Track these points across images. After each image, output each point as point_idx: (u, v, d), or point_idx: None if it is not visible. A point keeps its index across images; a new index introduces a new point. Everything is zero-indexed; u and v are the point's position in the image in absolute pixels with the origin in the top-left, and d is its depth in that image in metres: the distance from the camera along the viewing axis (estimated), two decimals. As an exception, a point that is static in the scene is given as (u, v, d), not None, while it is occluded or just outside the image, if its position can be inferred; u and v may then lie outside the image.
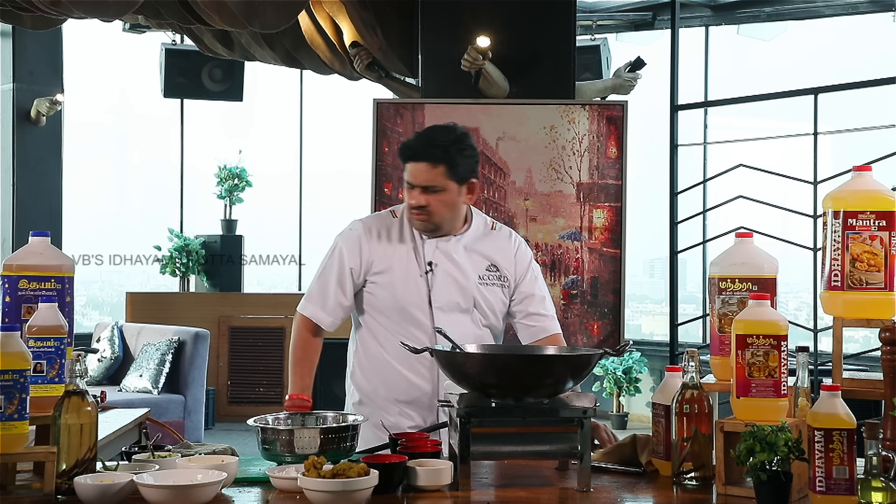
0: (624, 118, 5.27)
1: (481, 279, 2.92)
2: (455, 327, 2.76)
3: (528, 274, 3.00)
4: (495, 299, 2.94)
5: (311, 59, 6.78)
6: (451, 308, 2.88)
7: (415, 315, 2.88)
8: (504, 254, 2.97)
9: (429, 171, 2.81)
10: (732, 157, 6.70)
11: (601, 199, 5.26)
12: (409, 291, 2.88)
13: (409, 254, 2.91)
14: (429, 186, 2.82)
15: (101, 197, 11.66)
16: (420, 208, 2.84)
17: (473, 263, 2.93)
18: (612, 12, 9.17)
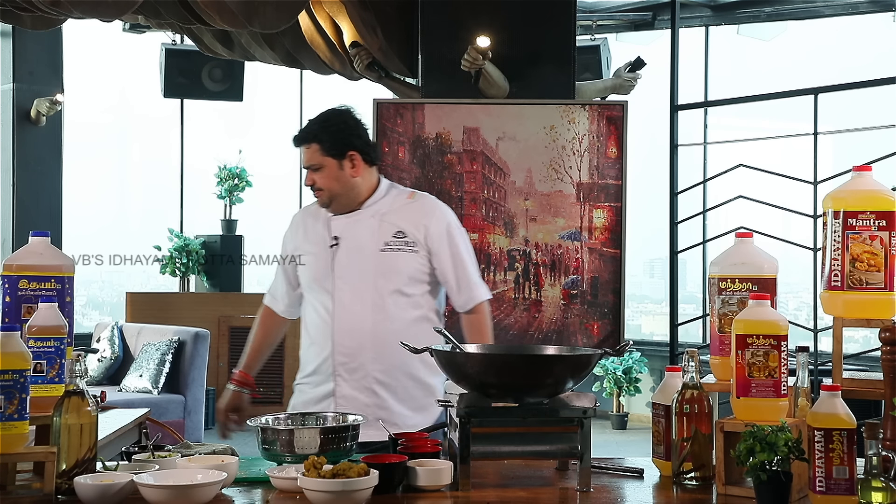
0: (624, 118, 5.27)
1: (386, 245, 3.04)
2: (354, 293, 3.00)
3: (441, 241, 3.06)
4: (402, 263, 3.03)
5: (311, 59, 6.78)
6: (350, 276, 3.03)
7: (322, 286, 3.06)
8: (414, 221, 3.07)
9: (307, 153, 3.07)
10: (732, 157, 6.70)
11: (601, 199, 5.26)
12: (318, 266, 3.08)
13: (320, 233, 3.12)
14: (310, 166, 3.06)
15: (101, 197, 11.66)
16: (312, 186, 3.07)
17: (380, 232, 3.06)
18: (612, 12, 9.17)
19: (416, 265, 3.04)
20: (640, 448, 7.40)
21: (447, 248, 3.06)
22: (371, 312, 2.99)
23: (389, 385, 2.99)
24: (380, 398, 2.98)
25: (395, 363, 2.98)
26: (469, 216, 5.26)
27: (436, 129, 5.30)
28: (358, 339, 2.98)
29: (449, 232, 3.08)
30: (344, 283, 3.02)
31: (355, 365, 2.99)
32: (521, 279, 5.27)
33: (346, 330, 3.00)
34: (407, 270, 3.03)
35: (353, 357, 2.99)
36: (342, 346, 3.00)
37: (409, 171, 5.28)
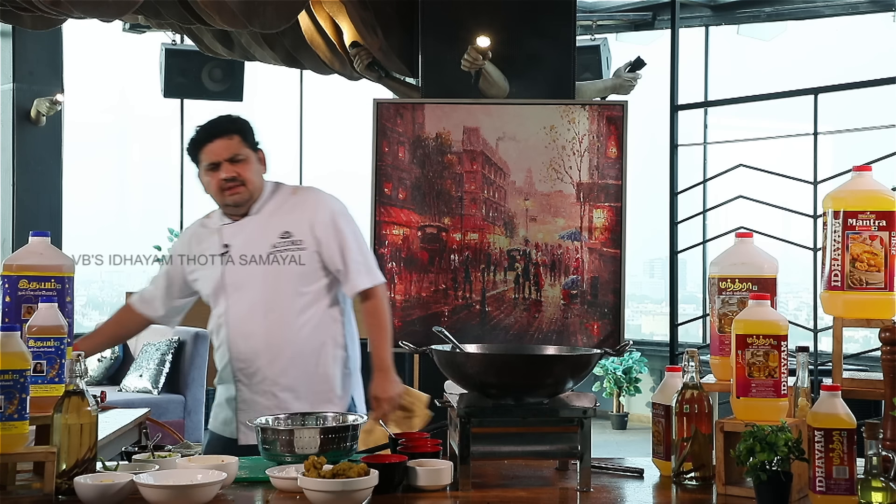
0: (624, 118, 5.27)
1: (274, 247, 3.04)
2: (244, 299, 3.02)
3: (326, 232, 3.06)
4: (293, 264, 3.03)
5: (311, 59, 6.78)
6: (242, 283, 3.04)
7: (218, 296, 3.08)
8: (298, 218, 3.07)
9: (227, 144, 3.03)
10: (732, 157, 6.70)
11: (601, 199, 5.26)
12: (210, 276, 3.10)
13: (211, 245, 3.12)
14: (233, 157, 3.03)
15: (101, 197, 11.66)
16: (233, 179, 3.03)
17: (267, 235, 3.06)
18: (612, 12, 9.17)
19: (308, 261, 3.04)
20: (640, 448, 7.40)
21: (333, 238, 3.06)
22: (263, 317, 3.01)
23: (289, 386, 3.01)
24: (279, 400, 3.00)
25: (293, 363, 3.00)
26: (469, 216, 5.26)
27: (436, 129, 5.30)
28: (252, 344, 3.01)
29: (334, 221, 3.08)
30: (236, 290, 3.04)
31: (253, 370, 3.02)
32: (521, 279, 5.27)
33: (240, 336, 3.02)
34: (297, 270, 3.03)
35: (250, 362, 3.02)
36: (238, 353, 3.03)
37: (409, 171, 5.28)
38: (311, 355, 3.02)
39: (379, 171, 5.29)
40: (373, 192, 5.27)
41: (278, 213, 3.09)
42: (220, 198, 3.08)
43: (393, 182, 5.27)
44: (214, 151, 3.03)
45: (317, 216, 3.07)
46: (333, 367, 3.07)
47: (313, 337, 3.04)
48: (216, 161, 3.03)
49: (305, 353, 3.02)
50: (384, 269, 4.75)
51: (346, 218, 3.12)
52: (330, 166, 10.52)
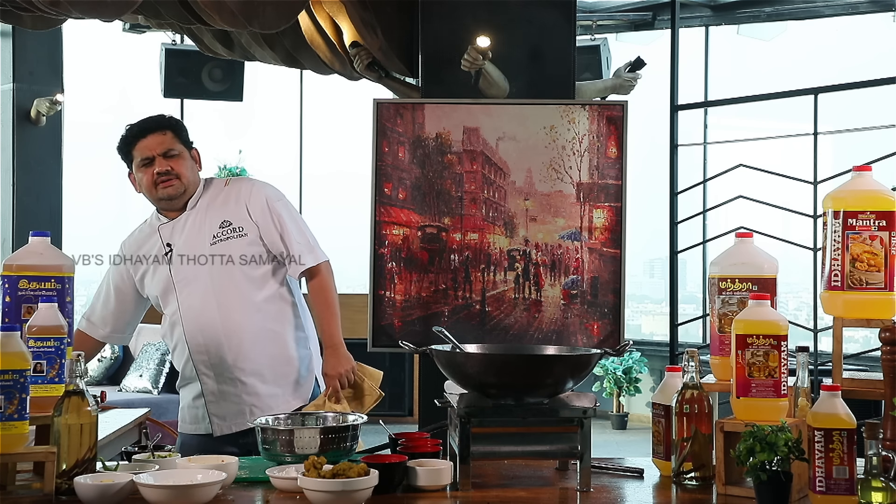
0: (624, 118, 5.27)
1: (215, 238, 3.07)
2: (195, 292, 3.05)
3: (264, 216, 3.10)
4: (234, 251, 3.06)
5: (311, 59, 6.78)
6: (189, 278, 3.07)
7: (168, 295, 3.12)
8: (234, 206, 3.10)
9: (161, 140, 3.07)
10: (732, 157, 6.70)
11: (601, 199, 5.26)
12: (157, 276, 3.13)
13: (152, 246, 3.15)
14: (166, 152, 3.06)
15: (102, 197, 11.65)
16: (167, 173, 3.06)
17: (207, 227, 3.09)
18: (612, 12, 9.16)
19: (250, 248, 3.07)
20: (640, 448, 7.40)
21: (271, 222, 3.09)
22: (216, 307, 3.04)
23: (253, 370, 3.03)
24: (247, 385, 3.03)
25: (254, 347, 3.03)
26: (469, 216, 5.26)
27: (436, 129, 5.30)
28: (210, 334, 3.03)
29: (270, 205, 3.11)
30: (185, 285, 3.07)
31: (215, 361, 3.04)
32: (521, 279, 5.27)
33: (197, 329, 3.05)
34: (241, 255, 3.06)
35: (211, 353, 3.04)
36: (197, 346, 3.05)
37: (409, 171, 5.28)
38: (271, 338, 3.05)
39: (379, 171, 5.29)
40: (373, 192, 5.26)
41: (214, 205, 3.12)
42: (154, 193, 3.09)
43: (393, 182, 5.27)
44: (148, 146, 3.06)
45: (252, 202, 3.11)
46: (294, 347, 3.10)
47: (269, 319, 3.06)
48: (149, 156, 3.06)
49: (264, 335, 3.05)
50: (384, 269, 4.76)
51: (281, 202, 3.16)
52: (330, 166, 10.52)
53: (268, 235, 3.09)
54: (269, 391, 3.01)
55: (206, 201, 3.14)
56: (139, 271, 3.17)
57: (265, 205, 3.11)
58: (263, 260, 3.09)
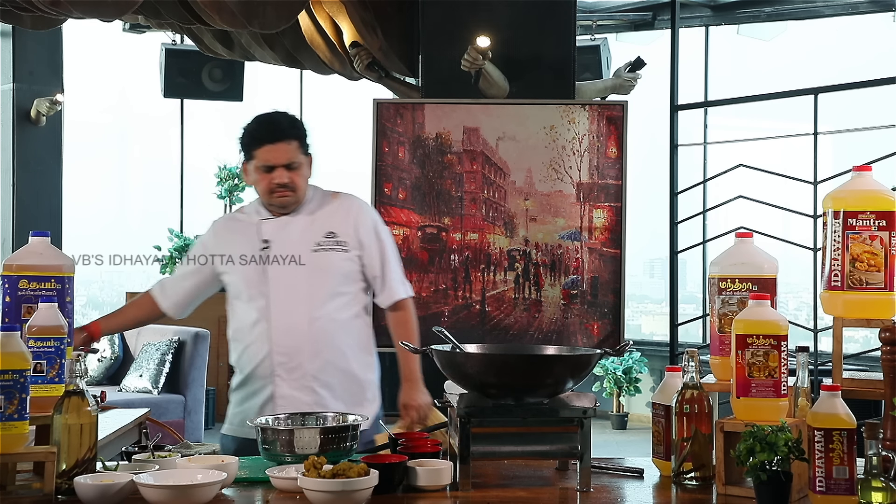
0: (624, 118, 5.27)
1: (318, 245, 3.04)
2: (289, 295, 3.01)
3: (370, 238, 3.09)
4: (335, 263, 3.04)
5: (311, 59, 6.78)
6: (284, 278, 3.02)
7: (255, 290, 3.05)
8: (343, 221, 3.09)
9: (286, 150, 3.02)
10: (732, 157, 6.70)
11: (601, 199, 5.26)
12: (249, 271, 3.06)
13: (249, 238, 3.08)
14: (290, 164, 3.02)
15: (101, 197, 11.66)
16: (285, 186, 3.02)
17: (311, 233, 3.06)
18: (612, 12, 9.17)
19: (349, 264, 3.06)
20: (640, 448, 7.40)
21: (375, 246, 3.10)
22: (307, 312, 3.01)
23: (327, 383, 3.01)
24: (319, 396, 3.00)
25: (332, 361, 3.01)
26: (469, 216, 5.26)
27: (436, 129, 5.30)
28: (296, 338, 2.99)
29: (376, 229, 3.12)
30: (278, 284, 3.03)
31: (294, 364, 3.00)
32: (521, 279, 5.27)
33: (283, 330, 3.00)
34: (340, 270, 3.05)
35: (292, 357, 3.00)
36: (280, 347, 3.01)
37: (409, 171, 5.28)
38: (348, 356, 3.03)
39: (379, 171, 5.29)
40: (373, 192, 5.27)
41: (321, 214, 3.10)
42: (268, 198, 3.06)
43: (393, 182, 5.27)
44: (273, 155, 3.02)
45: (360, 221, 3.10)
46: (366, 370, 3.09)
47: (351, 337, 3.05)
48: (272, 164, 3.02)
49: (343, 352, 3.03)
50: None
51: (385, 228, 3.18)
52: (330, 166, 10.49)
53: (369, 257, 3.08)
54: (337, 407, 2.97)
55: (311, 207, 3.11)
56: (228, 258, 3.11)
57: (373, 227, 3.11)
58: (356, 279, 3.08)
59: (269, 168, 3.03)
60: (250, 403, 3.06)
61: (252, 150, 3.07)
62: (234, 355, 3.13)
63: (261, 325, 3.03)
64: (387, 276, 3.10)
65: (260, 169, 3.05)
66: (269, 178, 3.03)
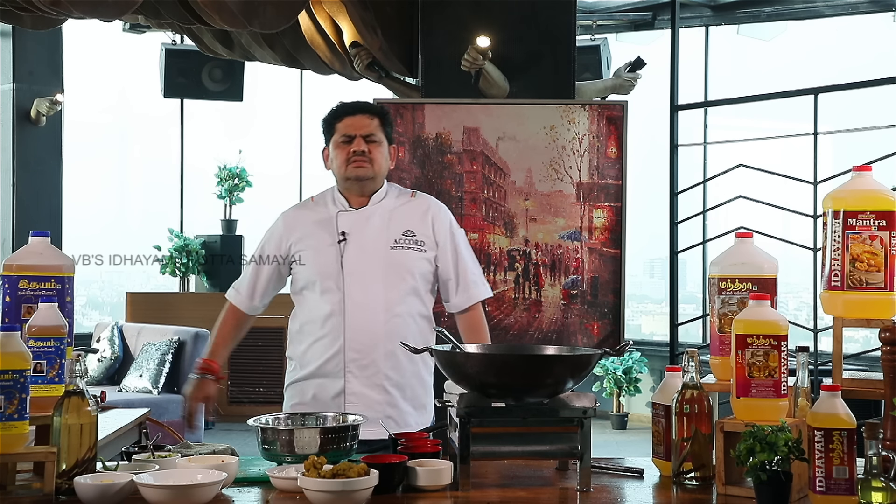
0: (624, 118, 5.27)
1: (396, 243, 3.02)
2: (366, 290, 2.96)
3: (445, 239, 3.07)
4: (411, 262, 3.01)
5: (311, 59, 6.78)
6: (360, 273, 2.98)
7: (328, 283, 3.00)
8: (421, 220, 3.06)
9: (368, 122, 3.03)
10: (732, 157, 6.70)
11: (601, 199, 5.26)
12: (324, 262, 3.02)
13: (324, 229, 3.06)
14: (368, 135, 3.02)
15: (101, 197, 11.66)
16: (362, 154, 3.01)
17: (389, 229, 3.03)
18: (612, 12, 9.17)
19: (425, 264, 3.04)
20: (640, 448, 7.40)
21: (450, 247, 3.07)
22: (383, 310, 2.96)
23: (399, 383, 2.98)
24: (390, 395, 2.96)
25: (404, 361, 2.97)
26: (469, 216, 5.26)
27: (436, 129, 5.30)
28: (370, 336, 2.94)
29: (452, 231, 3.10)
30: (354, 279, 2.97)
31: (367, 362, 2.95)
32: (521, 279, 5.27)
33: (358, 327, 2.95)
34: (416, 269, 3.02)
35: (366, 354, 2.95)
36: (354, 343, 2.95)
37: (409, 171, 5.28)
38: (416, 357, 2.98)
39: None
40: (373, 192, 5.26)
41: (400, 211, 3.07)
42: (343, 170, 3.04)
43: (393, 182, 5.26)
44: (353, 125, 3.03)
45: (438, 221, 3.08)
46: (428, 374, 3.07)
47: (420, 337, 3.00)
48: (351, 134, 3.02)
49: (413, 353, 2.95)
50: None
51: (460, 230, 3.15)
52: (330, 166, 10.50)
53: (443, 259, 3.05)
54: (405, 408, 2.96)
55: (390, 203, 3.08)
56: (301, 249, 3.06)
57: (449, 229, 3.09)
58: (430, 279, 3.06)
59: (347, 138, 3.02)
60: (313, 395, 3.00)
61: (334, 125, 3.06)
62: (298, 347, 3.06)
63: (334, 319, 2.97)
64: (461, 278, 3.07)
65: (338, 142, 3.04)
66: (346, 148, 3.02)
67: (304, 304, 3.07)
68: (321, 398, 2.99)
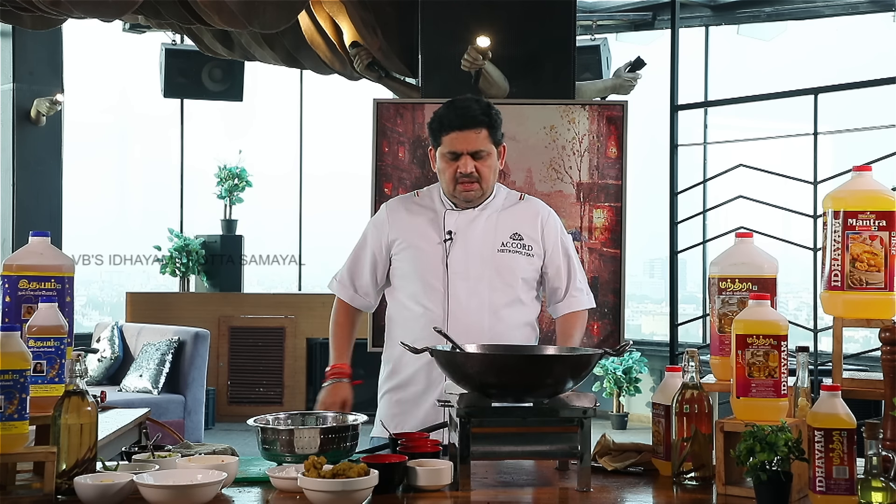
0: (624, 118, 5.28)
1: (504, 246, 2.92)
2: (471, 292, 2.87)
3: (556, 245, 2.98)
4: (519, 266, 2.92)
5: (311, 59, 6.78)
6: (465, 274, 2.88)
7: (431, 282, 2.91)
8: (530, 223, 2.97)
9: (475, 138, 2.86)
10: (732, 157, 6.70)
11: (601, 199, 5.26)
12: (428, 260, 2.92)
13: (430, 226, 2.96)
14: (477, 152, 2.87)
15: (101, 197, 11.66)
16: (471, 176, 2.87)
17: (497, 231, 2.93)
18: (612, 12, 9.17)
19: (532, 269, 2.95)
20: (640, 448, 7.38)
21: (561, 252, 2.99)
22: (488, 313, 2.88)
23: None
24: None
25: None
26: (469, 216, 5.26)
27: (436, 129, 5.30)
28: (475, 339, 2.76)
29: (562, 236, 3.02)
30: (458, 279, 2.88)
31: None
32: (521, 279, 5.26)
33: (462, 329, 2.79)
34: (523, 273, 2.92)
35: None
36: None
37: (409, 171, 5.28)
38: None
39: (379, 171, 5.29)
40: (373, 192, 5.27)
41: (509, 213, 2.97)
42: (451, 189, 2.91)
43: (393, 182, 5.27)
44: (460, 142, 2.86)
45: (548, 226, 2.98)
46: None
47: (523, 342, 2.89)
48: (458, 151, 2.87)
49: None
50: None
51: (568, 237, 3.06)
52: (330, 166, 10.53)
53: (552, 264, 2.96)
54: None
55: (498, 204, 2.97)
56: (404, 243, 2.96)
57: (559, 233, 2.99)
58: (534, 286, 2.96)
59: (455, 155, 2.88)
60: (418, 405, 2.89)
61: (440, 135, 2.90)
62: (395, 349, 2.93)
63: (435, 320, 2.85)
64: (574, 285, 2.98)
65: (445, 156, 2.89)
66: (454, 166, 2.88)
67: (400, 301, 2.98)
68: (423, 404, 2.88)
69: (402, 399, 2.96)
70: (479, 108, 2.89)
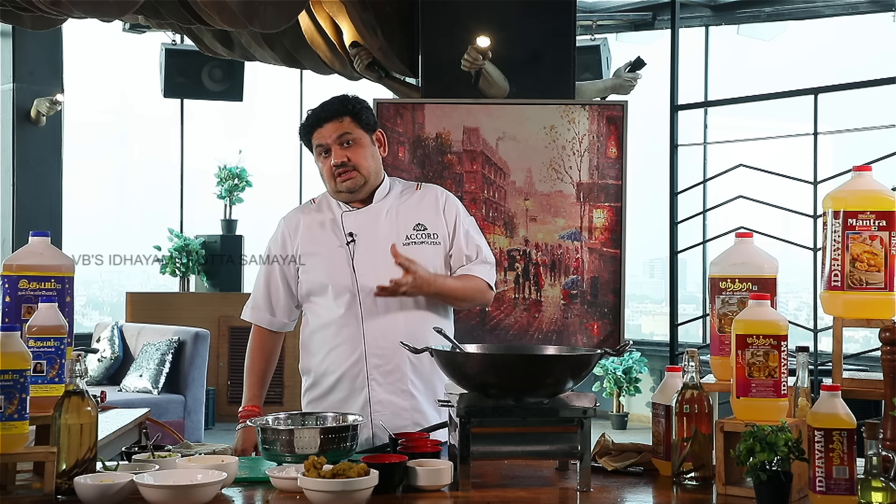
0: (624, 118, 5.28)
1: (408, 239, 2.88)
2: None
3: (458, 227, 2.94)
4: (426, 257, 2.86)
5: (311, 59, 6.78)
6: (374, 274, 2.82)
7: (340, 287, 2.86)
8: (431, 211, 2.94)
9: (338, 126, 2.87)
10: (732, 157, 6.70)
11: (601, 199, 5.26)
12: (334, 265, 2.88)
13: (330, 232, 2.92)
14: (341, 136, 2.87)
15: (101, 197, 11.66)
16: (344, 164, 2.87)
17: (399, 225, 2.90)
18: (612, 12, 9.17)
19: (440, 257, 2.90)
20: (640, 448, 7.37)
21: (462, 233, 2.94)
22: (402, 310, 2.83)
23: (422, 386, 2.85)
24: (416, 400, 2.83)
25: (426, 361, 2.78)
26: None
27: (436, 129, 5.30)
28: (392, 339, 2.77)
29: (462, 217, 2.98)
30: (368, 281, 2.81)
31: (391, 367, 2.82)
32: (521, 279, 5.27)
33: (378, 331, 2.81)
34: (432, 263, 2.86)
35: (388, 359, 2.81)
36: (376, 349, 2.81)
37: (409, 171, 5.27)
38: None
39: (379, 171, 5.28)
40: (373, 192, 5.26)
41: (407, 204, 2.94)
42: (333, 185, 2.90)
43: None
44: (322, 135, 2.88)
45: (448, 211, 2.94)
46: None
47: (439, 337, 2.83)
48: (326, 143, 2.87)
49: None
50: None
51: (470, 218, 3.02)
52: (330, 166, 10.51)
53: (456, 246, 2.91)
54: (429, 411, 2.82)
55: (395, 198, 2.94)
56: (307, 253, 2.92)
57: (458, 215, 2.96)
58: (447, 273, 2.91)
59: (324, 149, 2.89)
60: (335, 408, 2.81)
61: (309, 138, 2.91)
62: (313, 359, 2.92)
63: (350, 327, 2.83)
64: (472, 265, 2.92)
65: (320, 155, 2.90)
66: (327, 161, 2.88)
67: (315, 312, 2.93)
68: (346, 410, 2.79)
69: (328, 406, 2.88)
70: (336, 101, 2.93)
